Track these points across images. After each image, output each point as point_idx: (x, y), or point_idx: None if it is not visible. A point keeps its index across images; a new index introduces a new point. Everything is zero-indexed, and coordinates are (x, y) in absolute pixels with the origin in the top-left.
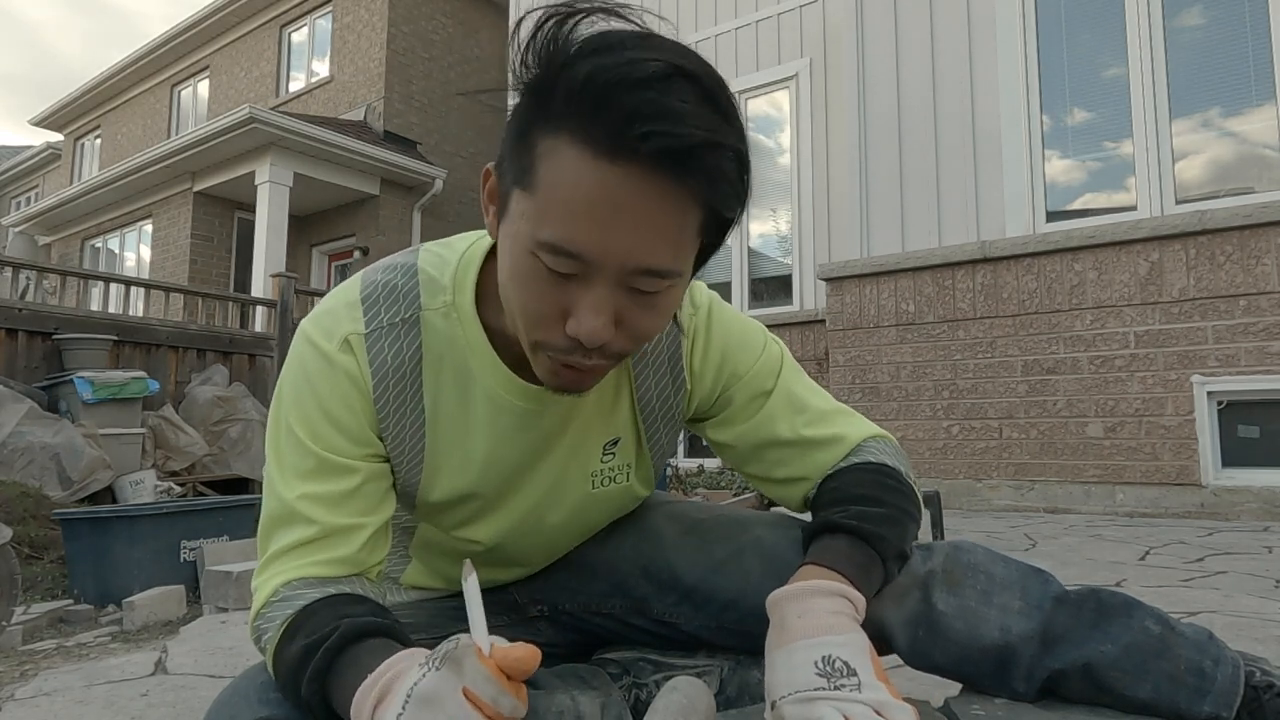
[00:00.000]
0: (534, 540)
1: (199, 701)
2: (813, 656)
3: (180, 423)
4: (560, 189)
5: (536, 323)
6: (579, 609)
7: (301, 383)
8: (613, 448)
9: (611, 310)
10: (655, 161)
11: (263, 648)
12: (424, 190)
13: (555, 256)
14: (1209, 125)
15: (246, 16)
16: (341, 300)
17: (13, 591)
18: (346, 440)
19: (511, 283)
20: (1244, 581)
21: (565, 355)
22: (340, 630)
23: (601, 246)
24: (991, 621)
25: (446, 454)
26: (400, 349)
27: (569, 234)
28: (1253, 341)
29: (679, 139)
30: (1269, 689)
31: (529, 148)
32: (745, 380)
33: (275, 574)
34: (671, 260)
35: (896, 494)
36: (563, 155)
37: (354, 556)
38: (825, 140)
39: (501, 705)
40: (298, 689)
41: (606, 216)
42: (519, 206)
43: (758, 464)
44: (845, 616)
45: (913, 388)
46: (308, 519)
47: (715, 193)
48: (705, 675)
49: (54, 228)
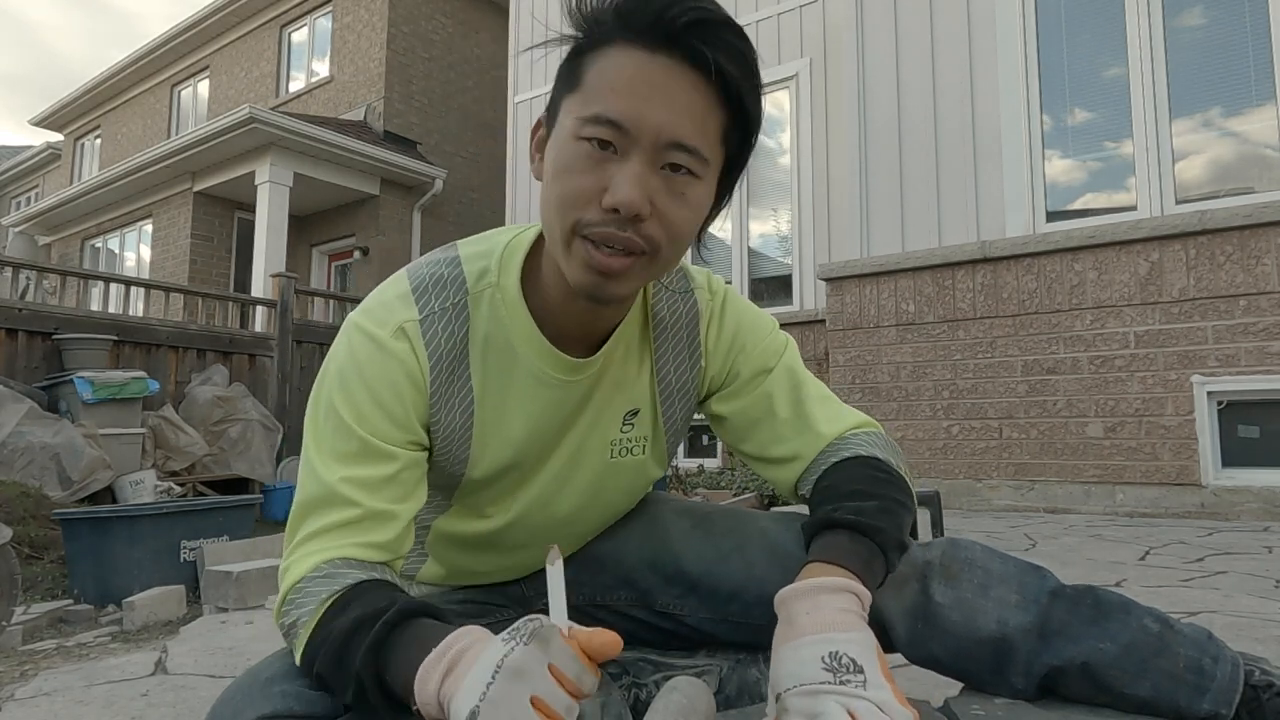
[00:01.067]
0: (547, 517)
1: (199, 701)
2: (820, 652)
3: (180, 423)
4: (606, 75)
5: (576, 201)
6: (584, 602)
7: (349, 369)
8: (632, 418)
9: (645, 186)
10: (687, 46)
11: (294, 621)
12: (424, 190)
13: (597, 126)
14: (1209, 125)
15: (246, 16)
16: (392, 293)
17: (13, 591)
18: (391, 425)
19: (555, 177)
20: (1244, 581)
21: (602, 229)
22: (399, 606)
23: (638, 116)
24: (989, 614)
25: (492, 428)
26: (452, 332)
27: (610, 105)
28: (1253, 341)
29: (708, 13)
30: (1268, 688)
31: (578, 65)
32: (751, 355)
33: (312, 552)
34: (699, 139)
35: (888, 485)
36: (609, 55)
37: (390, 543)
38: (825, 140)
39: (584, 683)
40: (344, 661)
41: (645, 92)
42: (566, 109)
43: (753, 441)
44: (852, 614)
45: (913, 388)
46: (349, 500)
47: (737, 69)
48: (705, 675)
49: (54, 228)
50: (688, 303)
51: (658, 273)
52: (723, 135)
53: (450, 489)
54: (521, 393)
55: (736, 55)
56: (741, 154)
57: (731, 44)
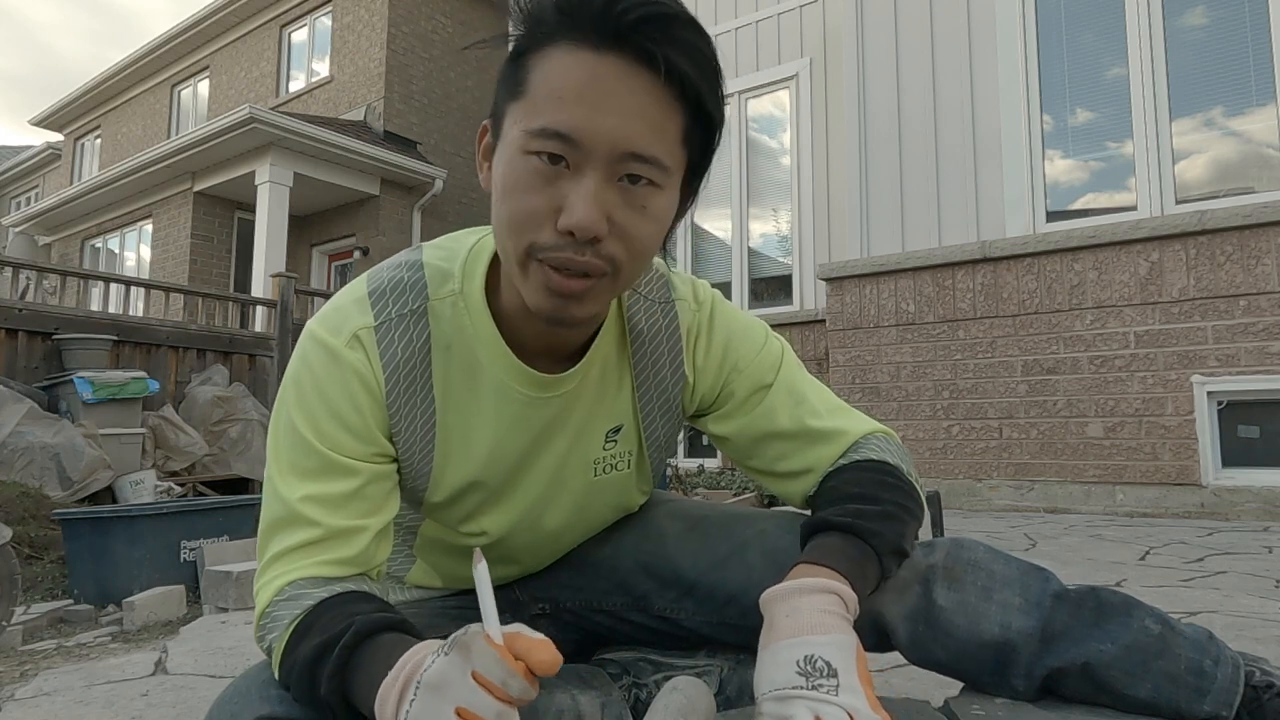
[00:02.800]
0: (536, 534)
1: (199, 701)
2: (795, 656)
3: (180, 423)
4: (551, 81)
5: (528, 223)
6: (580, 606)
7: (306, 381)
8: (614, 435)
9: (602, 204)
10: (638, 45)
11: (268, 647)
12: (424, 190)
13: (545, 139)
14: (1209, 125)
15: (246, 16)
16: (349, 298)
17: (13, 591)
18: (352, 439)
19: (505, 195)
20: (1244, 581)
21: (558, 254)
22: (354, 628)
23: (590, 126)
24: (992, 618)
25: (456, 443)
26: (410, 340)
27: (559, 117)
28: (1253, 341)
29: (659, 6)
30: (1269, 689)
31: (521, 67)
32: (746, 373)
33: (278, 575)
34: (658, 147)
35: (895, 491)
36: (553, 57)
37: (357, 557)
38: (825, 140)
39: (511, 687)
40: (313, 687)
41: (595, 99)
42: (512, 118)
43: (760, 458)
44: (833, 615)
45: (913, 388)
46: (310, 521)
47: (693, 67)
48: (705, 675)
49: (54, 228)
50: (668, 314)
51: (621, 289)
52: (683, 137)
53: (418, 504)
54: (487, 408)
55: (692, 51)
56: (705, 156)
57: (686, 40)
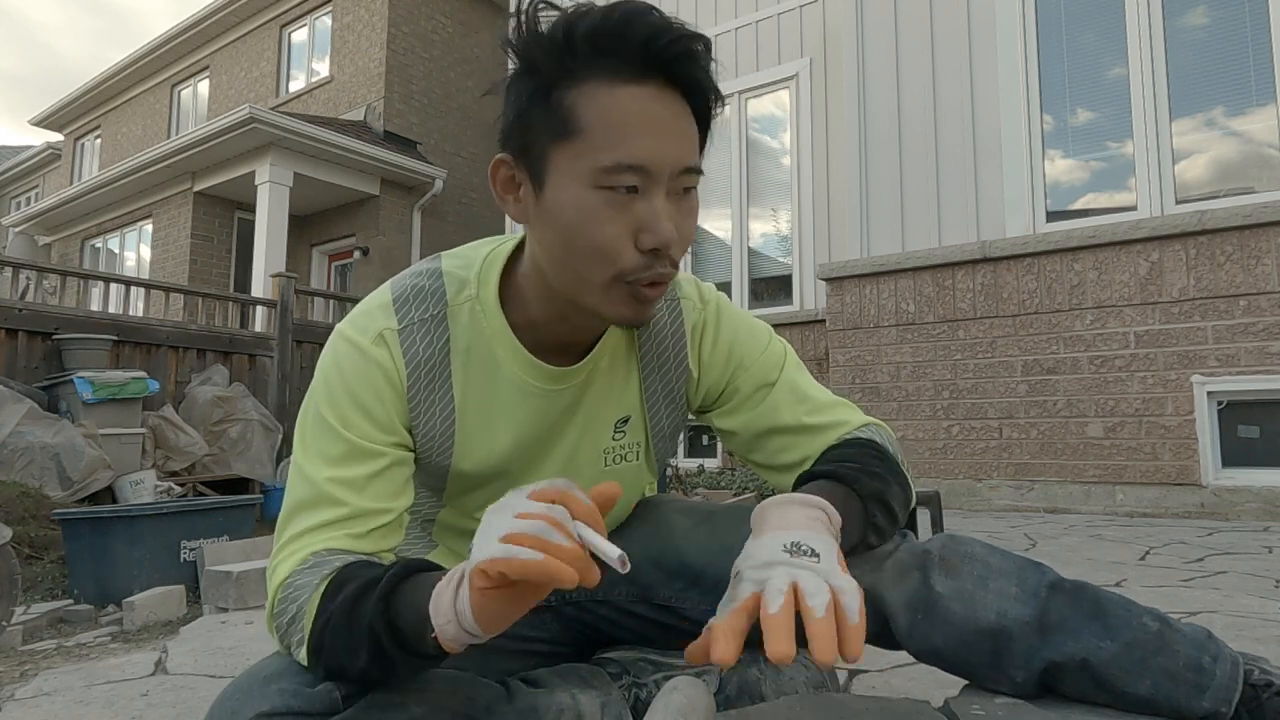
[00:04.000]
0: None
1: (199, 701)
2: (782, 541)
3: (180, 423)
4: (610, 118)
5: (612, 253)
6: (584, 597)
7: (334, 375)
8: (624, 425)
9: (672, 218)
10: (671, 71)
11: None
12: (424, 190)
13: (622, 174)
14: (1209, 125)
15: (246, 16)
16: (374, 303)
17: (13, 591)
18: (374, 427)
19: (580, 230)
20: (1244, 581)
21: (646, 273)
22: (404, 563)
23: (660, 155)
24: (989, 605)
25: (476, 438)
26: (430, 342)
27: (631, 150)
28: (1253, 341)
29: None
30: (1268, 687)
31: (556, 107)
32: (751, 370)
33: (300, 548)
34: (697, 159)
35: (878, 461)
36: (600, 94)
37: (377, 535)
38: (825, 140)
39: (555, 512)
40: (357, 616)
41: (657, 129)
42: (564, 157)
43: (762, 451)
44: (820, 523)
45: (913, 388)
46: (336, 500)
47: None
48: (705, 675)
49: (54, 228)
50: (673, 311)
51: None
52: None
53: (439, 490)
54: (505, 403)
55: (707, 69)
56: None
57: (708, 67)
